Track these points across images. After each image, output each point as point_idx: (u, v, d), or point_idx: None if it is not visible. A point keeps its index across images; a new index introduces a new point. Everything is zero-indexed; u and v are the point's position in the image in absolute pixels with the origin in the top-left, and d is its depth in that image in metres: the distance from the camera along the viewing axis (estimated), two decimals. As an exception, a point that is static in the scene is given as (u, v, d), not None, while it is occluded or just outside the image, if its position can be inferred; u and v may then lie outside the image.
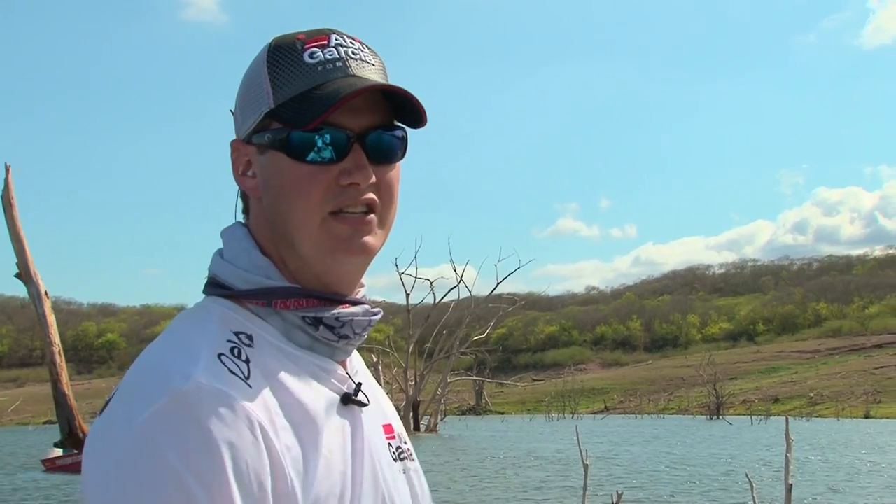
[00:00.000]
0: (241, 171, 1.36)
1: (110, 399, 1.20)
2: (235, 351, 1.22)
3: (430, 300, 53.66)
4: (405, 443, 1.48)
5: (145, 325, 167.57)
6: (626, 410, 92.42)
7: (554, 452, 34.54)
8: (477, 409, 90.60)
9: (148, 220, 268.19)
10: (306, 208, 1.28)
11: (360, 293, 1.39)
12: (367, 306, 1.37)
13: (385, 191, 1.33)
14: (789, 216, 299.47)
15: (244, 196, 1.40)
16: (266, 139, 1.30)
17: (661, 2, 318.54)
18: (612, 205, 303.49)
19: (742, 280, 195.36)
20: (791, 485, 8.63)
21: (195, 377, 1.15)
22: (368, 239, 1.31)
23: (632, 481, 23.40)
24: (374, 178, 1.30)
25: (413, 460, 1.47)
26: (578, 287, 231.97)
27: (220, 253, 1.38)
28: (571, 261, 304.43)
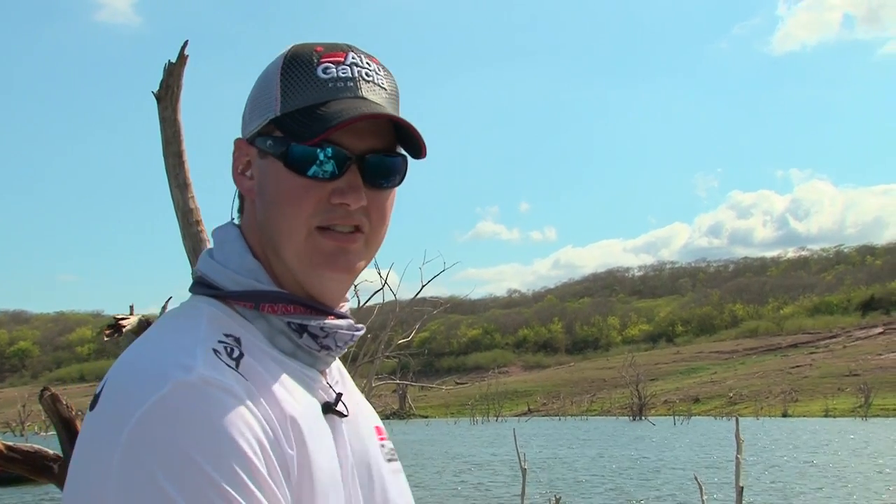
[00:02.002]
0: (241, 170, 1.37)
1: (100, 393, 1.18)
2: (228, 349, 1.22)
3: (353, 304, 53.23)
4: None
5: (60, 332, 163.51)
6: (550, 412, 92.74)
7: (490, 456, 34.29)
8: (401, 414, 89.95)
9: (62, 225, 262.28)
10: (295, 220, 1.28)
11: (344, 307, 1.39)
12: (351, 321, 1.37)
13: (376, 215, 1.33)
14: (705, 219, 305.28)
15: (241, 196, 1.40)
16: (267, 145, 1.31)
17: (580, 8, 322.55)
18: (532, 208, 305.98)
19: (660, 282, 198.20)
20: (742, 487, 8.38)
21: (197, 369, 1.14)
22: (352, 257, 1.31)
23: (570, 485, 23.21)
24: (365, 202, 1.30)
25: (398, 461, 1.48)
26: (499, 290, 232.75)
27: (209, 253, 1.38)
28: (492, 264, 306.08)
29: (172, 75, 5.70)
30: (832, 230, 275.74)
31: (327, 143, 1.27)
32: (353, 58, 1.32)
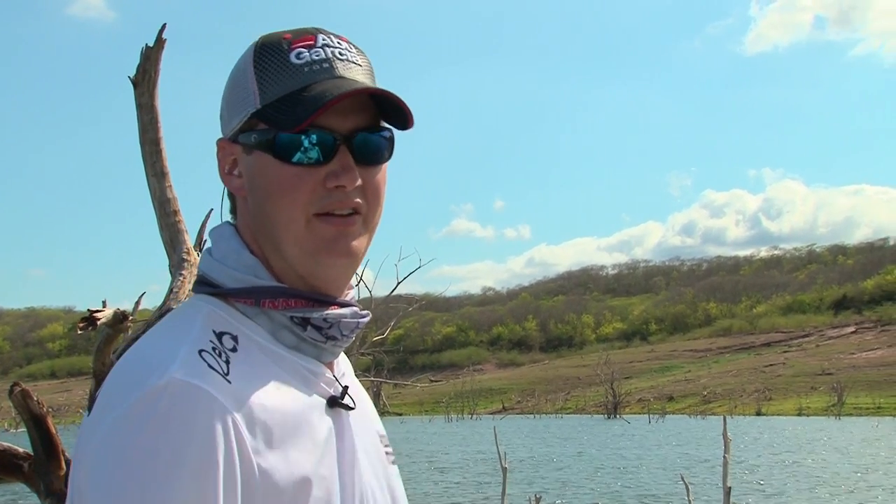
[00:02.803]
0: (228, 169, 1.36)
1: (97, 394, 1.21)
2: (217, 350, 1.21)
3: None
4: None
5: (31, 327, 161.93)
6: (525, 410, 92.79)
7: (468, 454, 34.13)
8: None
9: (33, 219, 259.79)
10: (292, 209, 1.27)
11: (348, 295, 1.38)
12: (355, 308, 1.36)
13: (371, 193, 1.32)
14: (678, 218, 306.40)
15: (231, 195, 1.39)
16: (252, 139, 1.29)
17: (554, 7, 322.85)
18: (507, 206, 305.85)
19: (634, 280, 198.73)
20: (730, 488, 8.23)
21: (171, 373, 1.14)
22: (353, 241, 1.30)
23: (550, 484, 23.08)
24: (360, 181, 1.29)
25: (395, 464, 1.48)
26: (474, 288, 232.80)
27: (209, 251, 1.37)
28: (466, 262, 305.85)
29: (150, 60, 5.49)
30: (804, 230, 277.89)
31: (313, 127, 1.26)
32: (323, 39, 1.31)
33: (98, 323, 4.49)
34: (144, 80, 5.48)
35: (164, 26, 5.47)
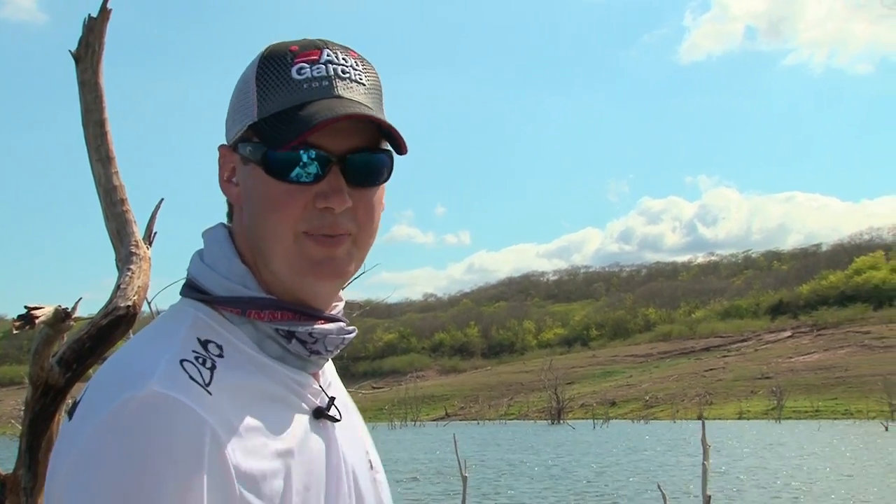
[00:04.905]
0: (227, 177, 1.34)
1: (79, 400, 1.20)
2: (200, 359, 1.20)
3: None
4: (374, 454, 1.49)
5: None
6: (468, 417, 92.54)
7: (420, 462, 33.65)
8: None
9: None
10: (281, 226, 1.26)
11: (336, 308, 1.37)
12: (341, 324, 1.35)
13: (364, 213, 1.30)
14: (616, 225, 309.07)
15: (230, 202, 1.38)
16: (248, 152, 1.29)
17: (498, 17, 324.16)
18: (447, 212, 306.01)
19: (575, 287, 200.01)
20: (709, 496, 7.84)
21: (151, 384, 1.13)
22: (340, 263, 1.29)
23: (510, 493, 22.68)
24: (350, 203, 1.26)
25: (380, 472, 1.46)
26: (414, 294, 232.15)
27: (199, 255, 1.36)
28: (406, 268, 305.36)
29: (93, 32, 4.92)
30: (738, 236, 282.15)
31: (307, 145, 1.24)
32: (328, 55, 1.29)
33: (36, 322, 3.92)
34: (87, 54, 4.91)
35: (109, -5, 4.93)
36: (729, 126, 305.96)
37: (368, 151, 1.28)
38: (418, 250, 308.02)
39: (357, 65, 1.31)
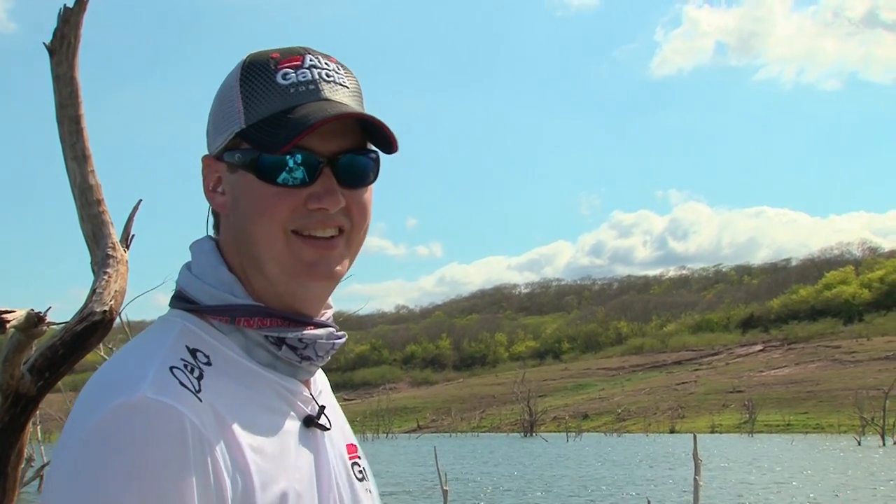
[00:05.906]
0: (212, 187, 1.35)
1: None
2: (189, 367, 1.21)
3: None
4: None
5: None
6: (440, 429, 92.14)
7: (398, 475, 33.27)
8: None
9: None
10: (272, 228, 1.27)
11: (326, 315, 1.37)
12: (332, 329, 1.36)
13: (357, 213, 1.32)
14: (587, 238, 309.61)
15: (215, 212, 1.39)
16: (236, 158, 1.29)
17: (469, 30, 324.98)
18: (419, 223, 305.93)
19: (547, 299, 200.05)
20: (699, 512, 7.65)
21: (141, 390, 1.14)
22: (334, 264, 1.30)
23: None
24: (343, 203, 1.29)
25: (370, 480, 1.47)
26: (385, 306, 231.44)
27: (188, 266, 1.37)
28: (377, 280, 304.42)
29: (69, 23, 4.70)
30: (709, 250, 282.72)
31: (297, 149, 1.25)
32: (310, 60, 1.31)
33: (7, 326, 3.67)
34: (63, 46, 4.69)
35: (86, -15, 4.69)
36: (699, 141, 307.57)
37: (356, 153, 1.30)
38: (390, 262, 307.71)
39: (339, 69, 1.33)
